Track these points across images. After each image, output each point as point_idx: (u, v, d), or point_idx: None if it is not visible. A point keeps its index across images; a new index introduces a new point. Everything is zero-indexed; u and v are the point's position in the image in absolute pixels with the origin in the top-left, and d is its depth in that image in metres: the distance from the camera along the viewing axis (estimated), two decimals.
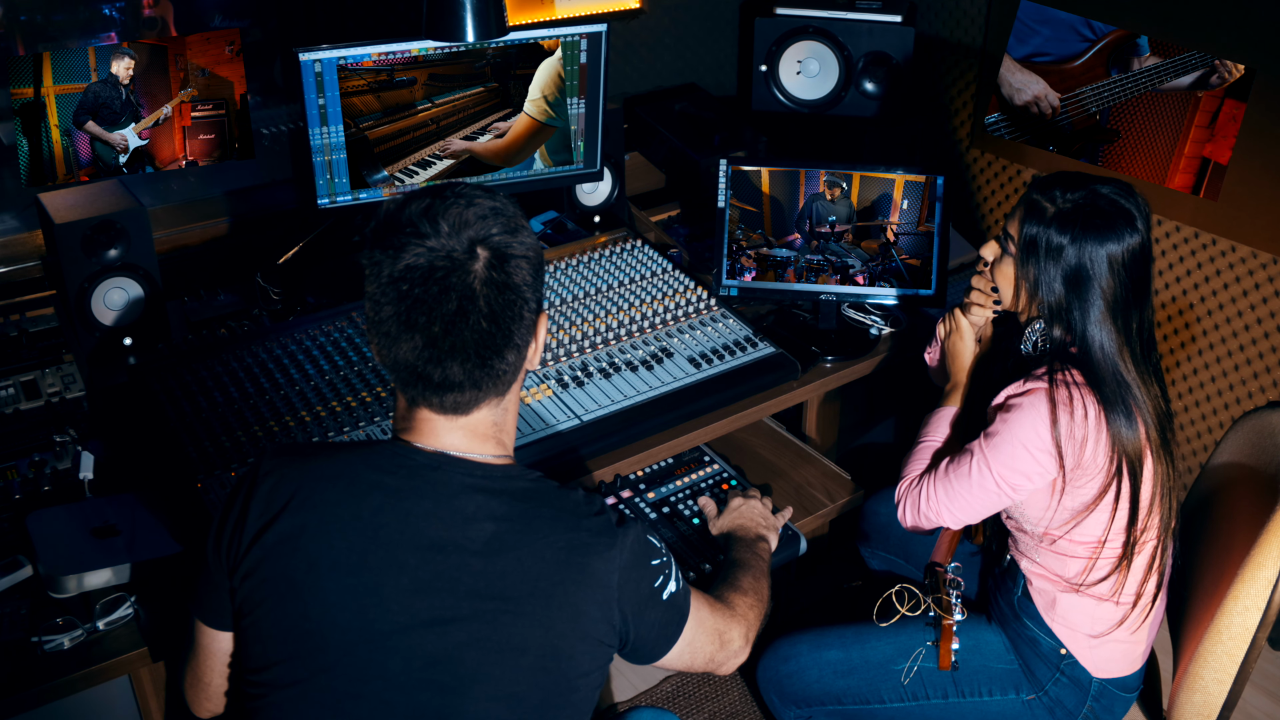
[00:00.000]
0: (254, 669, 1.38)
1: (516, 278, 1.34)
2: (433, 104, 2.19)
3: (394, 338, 1.33)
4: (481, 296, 1.32)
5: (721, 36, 3.33)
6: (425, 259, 1.31)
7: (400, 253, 1.31)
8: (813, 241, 2.44)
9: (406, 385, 1.37)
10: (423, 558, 1.33)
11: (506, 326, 1.34)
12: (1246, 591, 1.80)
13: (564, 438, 2.10)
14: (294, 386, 2.13)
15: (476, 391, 1.36)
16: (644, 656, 1.50)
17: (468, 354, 1.33)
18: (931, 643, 2.04)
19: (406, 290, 1.31)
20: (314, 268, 2.52)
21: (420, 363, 1.33)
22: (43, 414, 2.09)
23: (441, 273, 1.30)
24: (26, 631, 1.72)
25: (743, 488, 2.31)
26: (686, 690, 2.67)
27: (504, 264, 1.33)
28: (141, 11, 2.50)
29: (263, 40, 2.68)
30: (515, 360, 1.38)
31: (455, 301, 1.31)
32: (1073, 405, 1.81)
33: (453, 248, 1.31)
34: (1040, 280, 1.86)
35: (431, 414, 1.38)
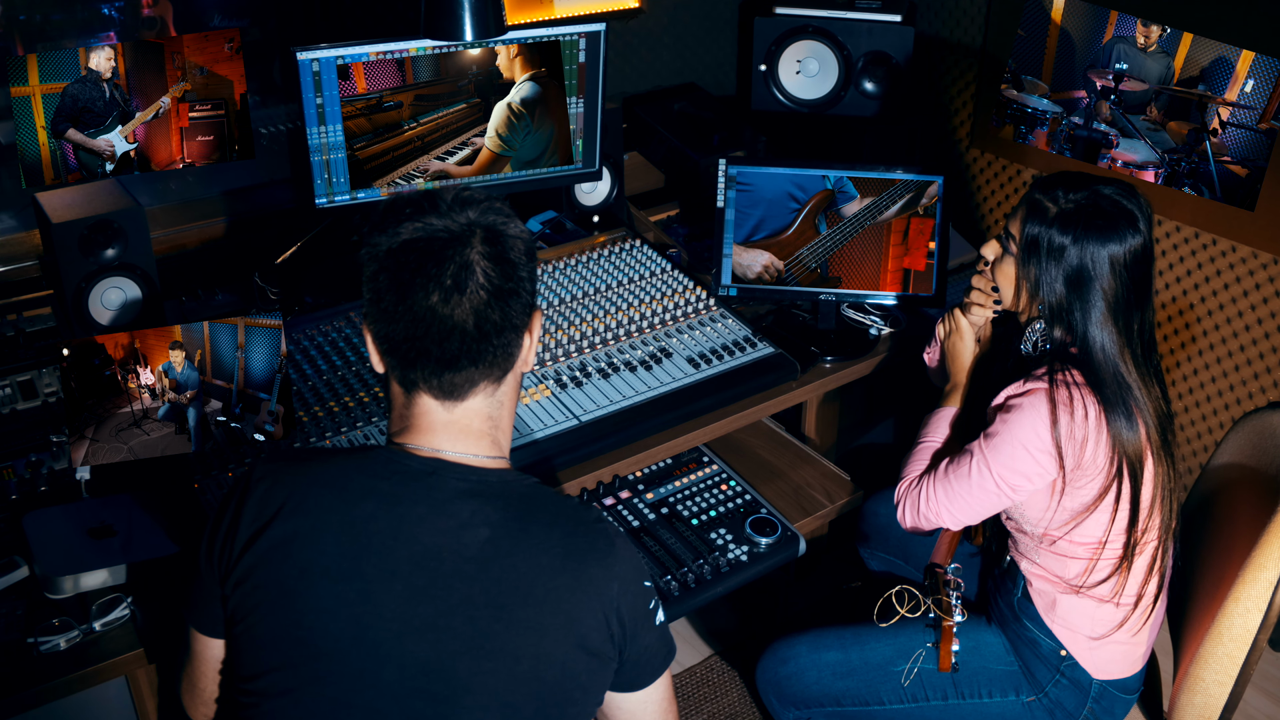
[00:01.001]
0: (246, 677, 1.36)
1: (512, 254, 1.37)
2: (418, 123, 2.34)
3: (391, 312, 1.34)
4: (479, 269, 1.33)
5: (721, 36, 3.32)
6: (424, 232, 1.34)
7: (399, 230, 1.34)
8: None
9: (404, 365, 1.36)
10: (416, 564, 1.32)
11: (504, 300, 1.35)
12: (1247, 593, 1.79)
13: (562, 438, 2.10)
14: (291, 387, 2.12)
15: (473, 369, 1.36)
16: (630, 683, 1.46)
17: (465, 326, 1.33)
18: (931, 644, 2.03)
19: (405, 260, 1.33)
20: (312, 267, 2.51)
21: (419, 334, 1.33)
22: (39, 414, 2.08)
23: (440, 244, 1.33)
24: (22, 632, 1.71)
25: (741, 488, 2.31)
26: (685, 692, 2.66)
27: (499, 240, 1.36)
28: (141, 11, 2.50)
29: (261, 40, 2.68)
30: (512, 342, 1.38)
31: (453, 271, 1.32)
32: (1073, 405, 1.81)
33: (450, 225, 1.34)
34: (1041, 280, 1.85)
35: (428, 401, 1.38)
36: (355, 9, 2.68)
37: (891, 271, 2.13)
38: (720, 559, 2.15)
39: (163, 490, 1.94)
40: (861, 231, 2.01)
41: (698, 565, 2.13)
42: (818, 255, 2.05)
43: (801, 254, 2.03)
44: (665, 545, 2.18)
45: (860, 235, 2.06)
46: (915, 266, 2.13)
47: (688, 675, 2.71)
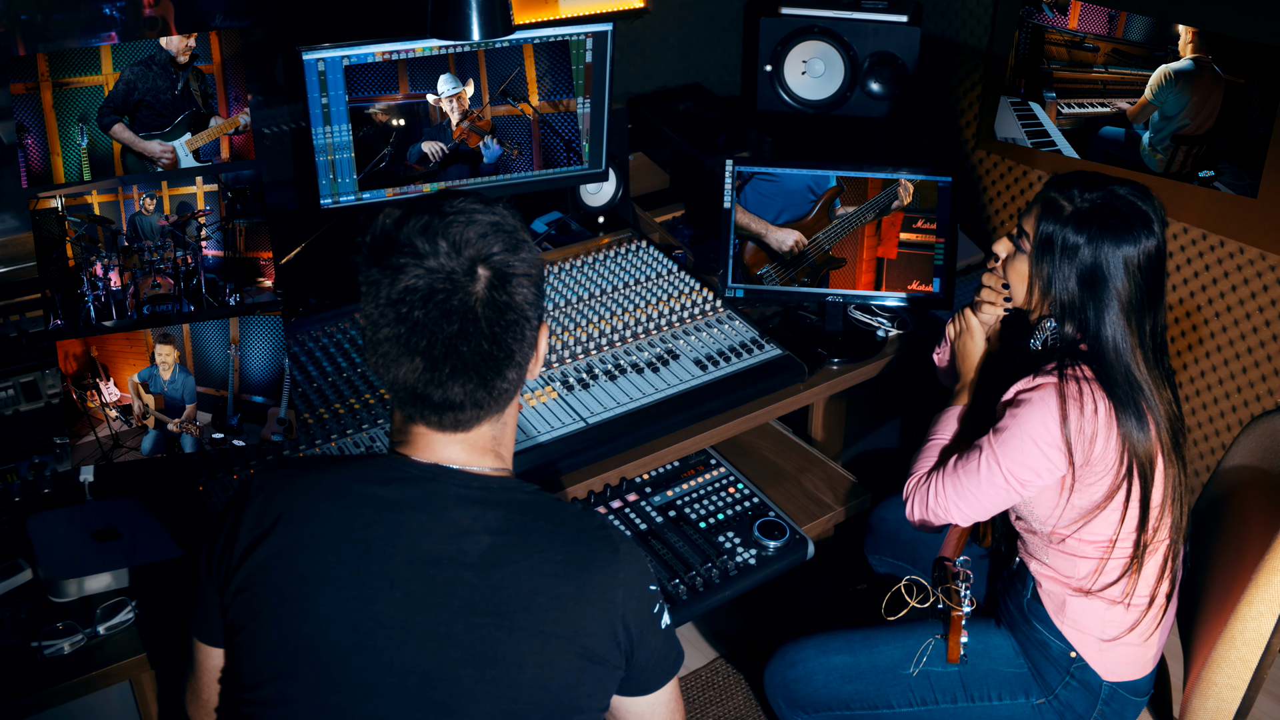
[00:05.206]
0: (246, 686, 1.35)
1: (518, 297, 1.31)
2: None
3: (393, 359, 1.30)
4: (483, 318, 1.29)
5: (726, 36, 3.31)
6: (425, 280, 1.27)
7: (399, 274, 1.28)
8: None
9: (404, 404, 1.34)
10: (416, 571, 1.31)
11: (508, 346, 1.32)
12: (1261, 596, 1.78)
13: (569, 441, 2.08)
14: (296, 389, 2.11)
15: (478, 411, 1.34)
16: (638, 687, 1.44)
17: (469, 375, 1.30)
18: (940, 635, 2.02)
19: (405, 313, 1.28)
20: (316, 268, 2.50)
21: (420, 384, 1.30)
22: (43, 416, 2.07)
23: (442, 295, 1.27)
24: (26, 636, 1.70)
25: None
26: (690, 695, 2.65)
27: (506, 284, 1.30)
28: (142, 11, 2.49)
29: (264, 39, 2.66)
30: (516, 377, 1.36)
31: (456, 324, 1.28)
32: (1082, 400, 1.80)
33: (452, 268, 1.28)
34: (1054, 278, 1.84)
35: (429, 430, 1.36)
36: (359, 8, 2.67)
37: (867, 260, 2.44)
38: (728, 562, 2.14)
39: (167, 493, 1.93)
40: (850, 223, 2.42)
41: (706, 569, 2.12)
42: (830, 238, 2.43)
43: (818, 237, 2.42)
44: (673, 549, 2.17)
45: (851, 234, 2.45)
46: (888, 255, 2.43)
47: (693, 678, 2.69)
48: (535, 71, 2.40)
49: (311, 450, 2.00)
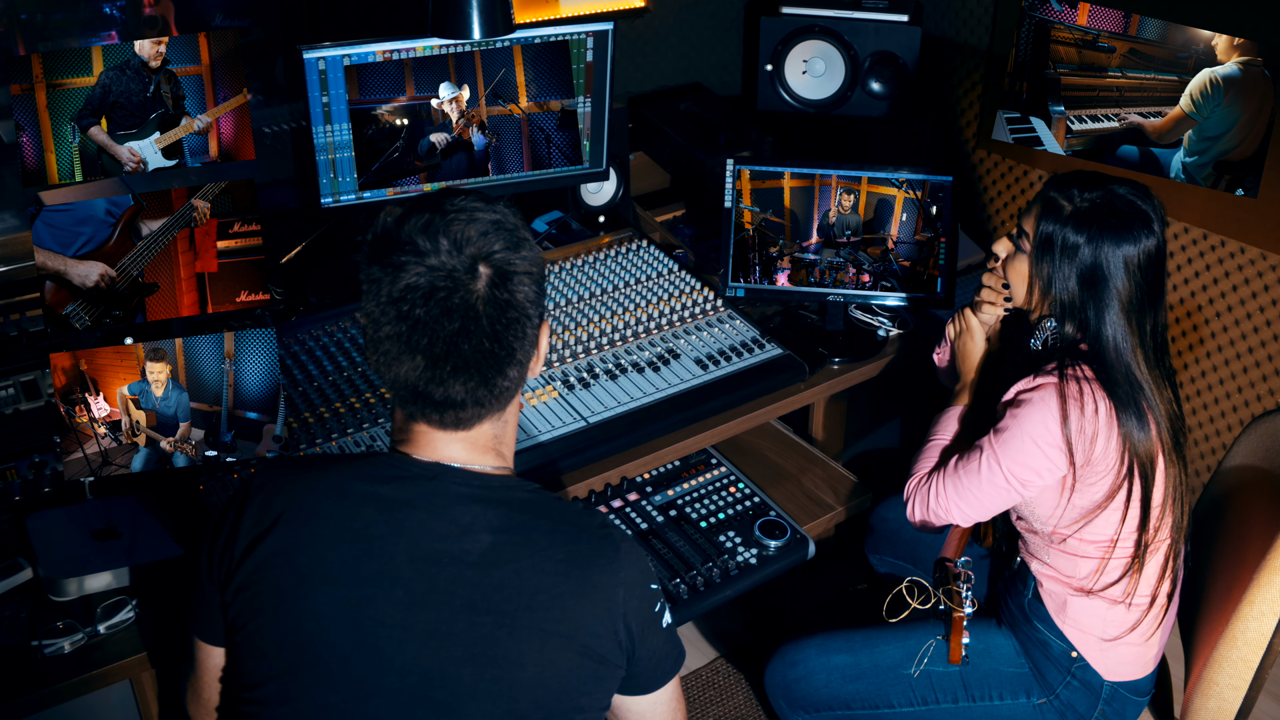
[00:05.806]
0: (247, 685, 1.35)
1: (519, 295, 1.31)
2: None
3: (394, 357, 1.30)
4: (484, 316, 1.29)
5: (726, 36, 3.31)
6: (425, 279, 1.27)
7: (399, 272, 1.28)
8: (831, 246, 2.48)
9: (405, 402, 1.34)
10: (417, 570, 1.31)
11: (509, 344, 1.32)
12: (1262, 596, 1.78)
13: (570, 440, 2.08)
14: (297, 388, 2.11)
15: (479, 409, 1.34)
16: (639, 686, 1.44)
17: (470, 373, 1.30)
18: (941, 636, 2.02)
19: (406, 311, 1.28)
20: (317, 267, 2.50)
21: (421, 382, 1.30)
22: (43, 414, 2.07)
23: (443, 293, 1.27)
24: (26, 635, 1.70)
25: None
26: (691, 695, 2.65)
27: (507, 282, 1.30)
28: (142, 10, 2.49)
29: (265, 39, 2.66)
30: (517, 375, 1.35)
31: (457, 322, 1.28)
32: (1083, 400, 1.80)
33: (454, 266, 1.27)
34: (1054, 278, 1.84)
35: (430, 429, 1.36)
36: (359, 8, 2.67)
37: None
38: (729, 562, 2.14)
39: (167, 492, 1.93)
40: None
41: (706, 568, 2.12)
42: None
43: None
44: (674, 548, 2.17)
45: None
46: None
47: (693, 678, 2.69)
48: (524, 75, 2.40)
49: (312, 449, 2.00)
